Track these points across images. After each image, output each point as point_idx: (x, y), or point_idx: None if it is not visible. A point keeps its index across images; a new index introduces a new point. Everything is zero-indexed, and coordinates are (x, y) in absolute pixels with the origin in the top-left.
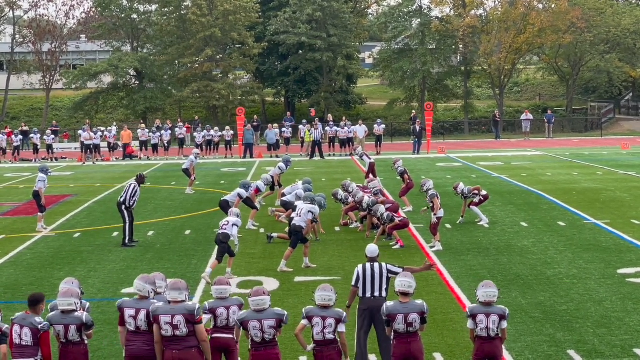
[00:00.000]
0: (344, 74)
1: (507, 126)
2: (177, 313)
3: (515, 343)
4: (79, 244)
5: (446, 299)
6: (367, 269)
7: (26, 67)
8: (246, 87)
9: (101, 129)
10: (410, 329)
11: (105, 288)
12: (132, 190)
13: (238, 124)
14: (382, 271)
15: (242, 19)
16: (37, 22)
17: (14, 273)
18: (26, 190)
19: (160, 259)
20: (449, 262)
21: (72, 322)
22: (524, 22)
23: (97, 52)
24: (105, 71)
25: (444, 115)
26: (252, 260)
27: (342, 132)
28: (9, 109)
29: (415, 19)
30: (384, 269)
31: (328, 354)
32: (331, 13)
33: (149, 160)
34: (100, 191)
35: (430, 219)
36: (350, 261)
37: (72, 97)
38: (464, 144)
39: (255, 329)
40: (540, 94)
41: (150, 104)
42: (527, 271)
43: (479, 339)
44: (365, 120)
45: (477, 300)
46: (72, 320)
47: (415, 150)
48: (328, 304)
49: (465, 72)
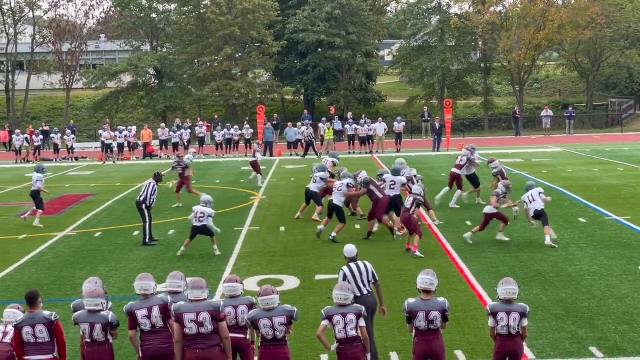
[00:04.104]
0: (363, 72)
1: (527, 123)
2: (202, 310)
3: (536, 340)
4: (99, 243)
5: (467, 296)
6: (353, 269)
7: (46, 67)
8: (265, 86)
9: (121, 128)
10: (431, 326)
11: (126, 287)
12: (151, 189)
13: (258, 122)
14: (366, 268)
15: (261, 17)
16: (56, 22)
17: (35, 272)
18: (47, 190)
19: (181, 257)
20: (469, 258)
21: (98, 321)
22: (544, 18)
23: (117, 52)
24: (125, 70)
25: (463, 112)
26: (272, 259)
27: (361, 129)
28: (29, 109)
29: (434, 16)
30: (368, 266)
31: (352, 351)
32: (350, 10)
33: (169, 159)
34: (120, 190)
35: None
36: (370, 258)
37: (92, 97)
38: (483, 141)
39: (266, 327)
40: (560, 90)
41: (170, 102)
42: (547, 268)
43: (500, 337)
44: (385, 118)
45: (497, 298)
46: (98, 319)
47: (434, 148)
48: (345, 303)
49: (485, 69)
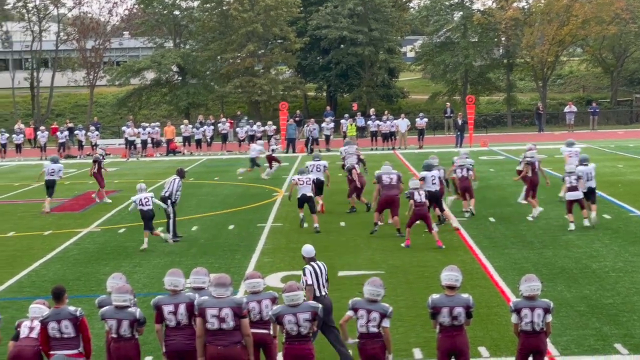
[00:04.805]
0: (385, 68)
1: (551, 119)
2: (224, 306)
3: (560, 337)
4: (123, 239)
5: (490, 292)
6: (316, 268)
7: (70, 64)
8: (288, 82)
9: (144, 125)
10: (455, 323)
11: (150, 283)
12: (177, 185)
13: (280, 119)
14: (322, 270)
15: (284, 14)
16: (80, 19)
17: (60, 268)
18: (72, 187)
19: (204, 253)
20: (493, 255)
21: (125, 317)
22: (567, 13)
23: (140, 49)
24: (148, 67)
25: (486, 108)
26: (295, 255)
27: (384, 126)
28: (54, 106)
29: (457, 12)
30: (324, 269)
31: (371, 347)
32: (372, 7)
33: (192, 155)
34: None
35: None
36: (393, 255)
37: (116, 94)
38: (506, 137)
39: (290, 323)
40: (584, 86)
41: (193, 99)
42: (572, 264)
43: (524, 334)
44: (407, 114)
45: (520, 295)
46: (125, 316)
47: (457, 144)
48: (376, 299)
49: (508, 65)
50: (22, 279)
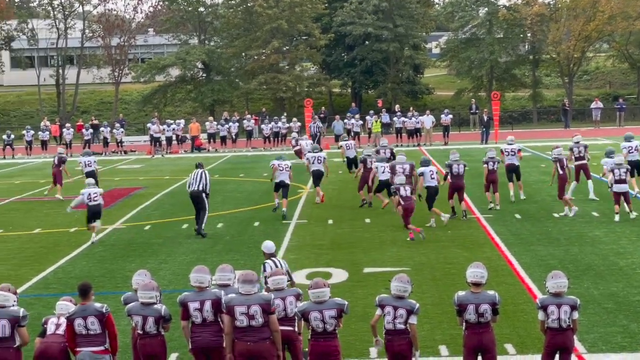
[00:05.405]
0: (410, 64)
1: (577, 115)
2: (253, 303)
3: (588, 334)
4: (149, 236)
5: (516, 289)
6: (277, 263)
7: (95, 62)
8: (313, 79)
9: (169, 122)
10: (482, 320)
11: (176, 279)
12: (209, 177)
13: (305, 115)
14: (283, 265)
15: (308, 10)
16: (105, 16)
17: (86, 265)
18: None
19: (230, 250)
20: (519, 252)
21: (151, 314)
22: (594, 9)
23: (165, 46)
24: (173, 64)
25: (512, 105)
26: (320, 252)
27: (409, 122)
28: (79, 103)
29: (483, 8)
30: (285, 265)
31: (398, 343)
32: (397, 3)
33: (217, 152)
34: (169, 184)
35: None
36: (419, 252)
37: (141, 91)
38: (532, 134)
39: (316, 320)
40: (611, 82)
41: (218, 96)
42: (599, 261)
43: (551, 330)
44: (433, 111)
45: (547, 292)
46: (151, 312)
47: (483, 140)
48: (403, 295)
49: (534, 61)
50: (48, 276)
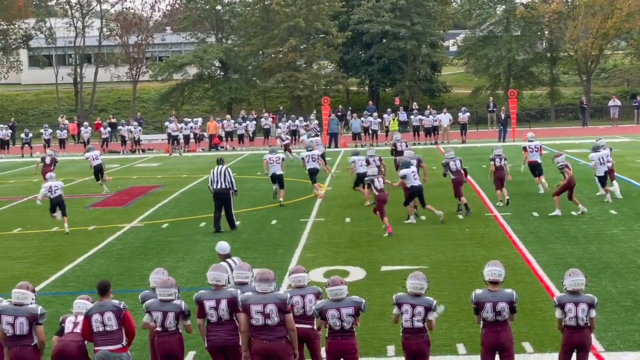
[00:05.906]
0: (428, 62)
1: (595, 113)
2: (269, 302)
3: (605, 332)
4: (167, 234)
5: (534, 287)
6: (231, 264)
7: (113, 60)
8: (330, 77)
9: (187, 120)
10: (499, 318)
11: (193, 278)
12: (232, 173)
13: (323, 113)
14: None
15: (326, 9)
16: (123, 15)
17: (104, 263)
18: (115, 182)
19: (247, 248)
20: (537, 250)
21: (171, 309)
22: (611, 6)
23: (182, 44)
24: (191, 63)
25: (529, 103)
26: (338, 250)
27: (426, 120)
28: (97, 101)
29: (500, 6)
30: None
31: (416, 342)
32: (415, 1)
33: (235, 150)
34: (186, 182)
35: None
36: (437, 250)
37: (158, 89)
38: (550, 131)
39: (334, 318)
40: (629, 80)
41: (235, 94)
42: (617, 259)
43: (568, 329)
44: (450, 109)
45: (564, 289)
46: (171, 308)
47: (500, 138)
48: (419, 292)
49: (551, 59)
50: (66, 274)
